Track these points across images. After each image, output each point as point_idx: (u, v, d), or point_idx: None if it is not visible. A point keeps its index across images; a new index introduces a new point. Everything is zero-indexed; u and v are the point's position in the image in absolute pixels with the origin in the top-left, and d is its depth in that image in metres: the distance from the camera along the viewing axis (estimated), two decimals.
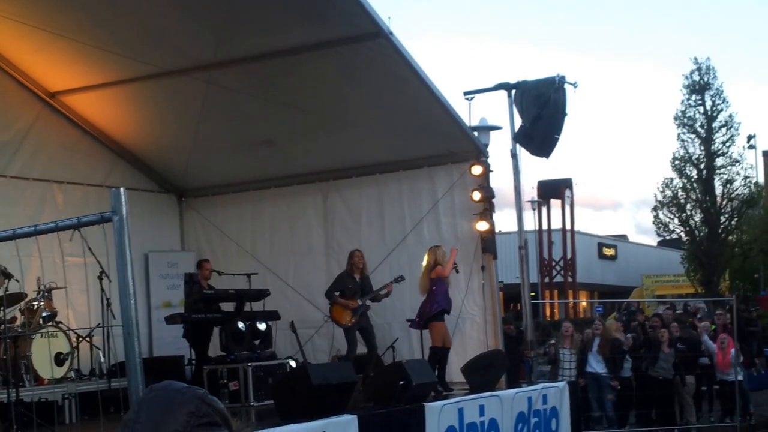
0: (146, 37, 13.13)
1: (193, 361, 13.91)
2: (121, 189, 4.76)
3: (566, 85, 14.53)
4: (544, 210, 40.11)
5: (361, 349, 13.93)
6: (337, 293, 13.80)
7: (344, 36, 12.81)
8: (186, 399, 1.92)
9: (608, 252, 49.11)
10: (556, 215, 40.32)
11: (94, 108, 15.26)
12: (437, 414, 11.12)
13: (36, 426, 9.21)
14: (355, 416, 9.94)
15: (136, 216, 15.75)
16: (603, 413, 16.06)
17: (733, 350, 17.10)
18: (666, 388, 16.47)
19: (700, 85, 37.68)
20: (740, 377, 17.15)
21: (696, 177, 37.68)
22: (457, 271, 14.10)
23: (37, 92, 14.77)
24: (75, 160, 15.42)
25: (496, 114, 16.24)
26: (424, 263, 13.74)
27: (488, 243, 14.86)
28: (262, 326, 13.60)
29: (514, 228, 15.75)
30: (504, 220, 49.82)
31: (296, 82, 13.76)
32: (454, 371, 13.92)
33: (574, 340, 16.42)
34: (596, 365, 16.04)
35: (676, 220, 38.54)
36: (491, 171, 15.02)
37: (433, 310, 13.43)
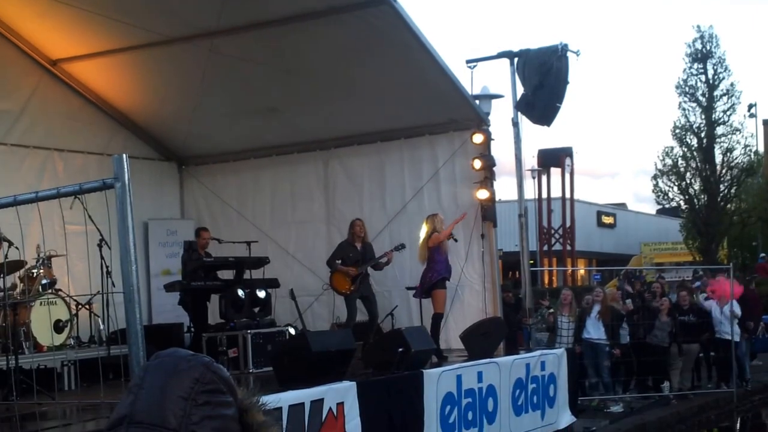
0: (149, 4, 13.08)
1: (192, 329, 13.96)
2: (124, 155, 4.76)
3: (569, 54, 14.49)
4: (543, 178, 40.11)
5: (362, 316, 13.98)
6: (339, 262, 13.83)
7: (347, 3, 12.76)
8: (191, 366, 1.92)
9: (607, 220, 49.16)
10: (555, 184, 40.34)
11: (95, 76, 15.22)
12: (436, 380, 11.18)
13: (35, 393, 9.25)
14: (354, 383, 10.00)
15: (136, 184, 15.58)
16: (599, 380, 16.16)
17: (729, 306, 17.11)
18: (661, 356, 16.56)
19: (702, 54, 37.57)
20: (737, 338, 17.20)
21: (696, 145, 37.67)
22: (456, 240, 14.11)
23: (38, 60, 14.73)
24: (76, 128, 15.40)
25: (498, 82, 16.22)
26: (422, 232, 13.76)
27: (488, 211, 14.89)
28: (261, 294, 13.64)
29: (514, 196, 15.77)
30: (504, 189, 49.86)
31: (298, 50, 13.71)
32: (452, 338, 13.99)
33: (573, 308, 16.48)
34: (594, 332, 16.10)
35: (675, 189, 38.59)
36: (492, 139, 15.01)
37: (434, 278, 13.46)
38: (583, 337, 16.12)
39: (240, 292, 13.32)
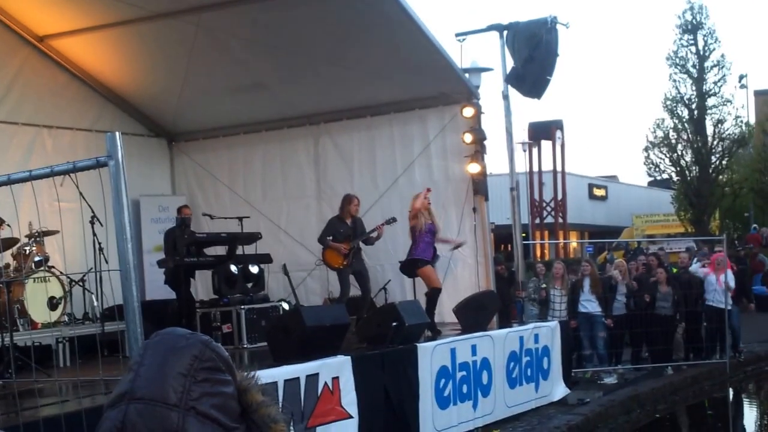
0: None
1: (177, 305, 13.88)
2: (117, 133, 4.72)
3: (558, 26, 14.47)
4: (534, 151, 40.06)
5: (355, 291, 13.99)
6: (330, 238, 13.80)
7: None
8: (190, 343, 1.95)
9: (599, 192, 49.19)
10: (546, 156, 40.30)
11: (83, 52, 15.13)
12: (430, 354, 11.23)
13: (30, 370, 9.24)
14: (348, 357, 10.04)
15: (126, 160, 15.75)
16: (594, 351, 16.22)
17: (723, 276, 17.15)
18: (666, 326, 16.60)
19: (692, 25, 37.51)
20: (729, 307, 17.25)
21: (687, 117, 37.67)
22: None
23: (25, 36, 14.62)
24: (63, 104, 15.32)
25: (488, 56, 16.18)
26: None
27: (479, 185, 14.88)
28: (254, 269, 13.64)
29: (506, 170, 15.77)
30: (495, 162, 49.86)
31: (287, 25, 13.64)
32: (446, 312, 14.01)
33: (565, 281, 16.51)
34: (588, 305, 16.14)
35: (666, 160, 38.62)
36: (482, 113, 14.99)
37: (407, 260, 13.30)
38: (578, 311, 16.16)
39: (233, 268, 13.31)
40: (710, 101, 37.46)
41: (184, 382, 1.90)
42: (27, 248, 11.99)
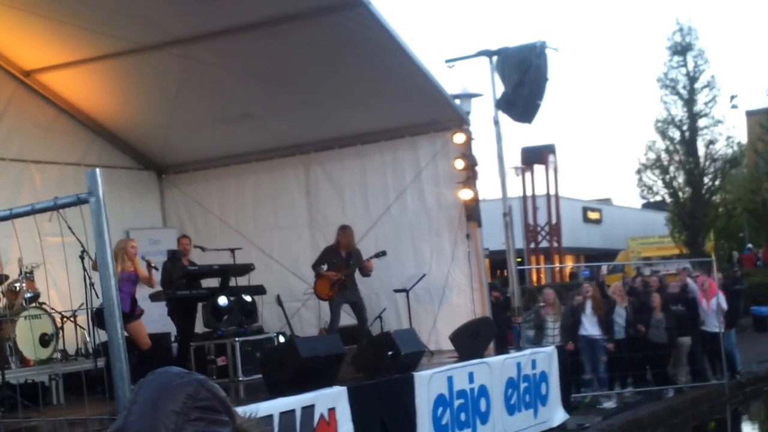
0: (121, 12, 12.91)
1: (179, 338, 13.80)
2: (97, 170, 4.67)
3: (548, 51, 14.46)
4: (528, 176, 40.10)
5: (352, 321, 13.89)
6: (324, 266, 13.72)
7: (323, 6, 12.65)
8: (185, 382, 1.93)
9: (593, 216, 49.21)
10: (540, 181, 40.33)
11: (69, 86, 15.06)
12: (427, 382, 11.11)
13: (23, 408, 9.12)
14: (344, 387, 9.93)
15: (116, 194, 15.72)
16: (595, 375, 16.08)
17: (715, 299, 17.08)
18: (659, 351, 16.48)
19: (682, 46, 37.60)
20: (722, 329, 17.14)
21: (679, 139, 37.68)
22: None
23: (11, 71, 14.56)
24: (51, 139, 15.23)
25: (478, 81, 16.15)
26: None
27: (472, 211, 14.82)
28: (248, 301, 13.51)
29: (499, 195, 15.71)
30: (488, 187, 49.81)
31: (274, 55, 13.60)
32: (442, 339, 13.90)
33: (557, 306, 16.39)
34: (591, 328, 15.99)
35: (659, 182, 38.60)
36: (473, 139, 14.95)
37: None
38: (579, 334, 16.02)
39: (226, 300, 13.19)
40: (701, 122, 37.50)
41: (177, 420, 1.87)
42: (17, 285, 11.86)
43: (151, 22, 13.06)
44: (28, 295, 11.97)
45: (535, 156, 39.54)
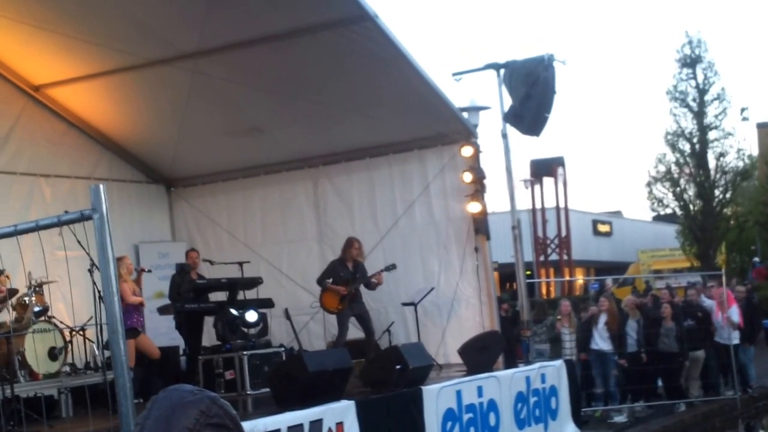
0: (130, 27, 12.96)
1: (187, 352, 13.82)
2: (101, 186, 4.67)
3: (555, 63, 14.45)
4: (537, 188, 40.06)
5: (359, 334, 13.89)
6: (330, 280, 13.72)
7: (330, 20, 12.67)
8: (197, 399, 1.96)
9: (603, 228, 49.07)
10: (549, 193, 40.28)
11: (79, 100, 15.12)
12: (435, 397, 11.07)
13: (31, 422, 9.12)
14: (352, 402, 9.90)
15: (125, 207, 15.79)
16: (606, 389, 16.01)
17: (731, 310, 16.99)
18: (670, 362, 16.37)
19: (691, 59, 37.50)
20: (736, 341, 17.04)
21: (689, 151, 37.55)
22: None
23: (21, 86, 14.63)
24: (61, 153, 15.30)
25: (485, 94, 16.12)
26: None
27: (481, 224, 14.80)
28: (256, 315, 13.51)
29: (507, 208, 15.68)
30: (497, 200, 49.81)
31: (282, 69, 13.62)
32: (451, 353, 13.86)
33: (572, 319, 16.34)
34: (602, 342, 15.93)
35: (670, 195, 38.47)
36: (481, 152, 14.94)
37: None
38: (591, 347, 15.95)
39: (234, 313, 13.19)
40: (711, 134, 37.34)
41: None
42: (26, 299, 11.88)
43: (160, 37, 13.11)
44: (37, 308, 11.98)
45: (544, 169, 39.50)
